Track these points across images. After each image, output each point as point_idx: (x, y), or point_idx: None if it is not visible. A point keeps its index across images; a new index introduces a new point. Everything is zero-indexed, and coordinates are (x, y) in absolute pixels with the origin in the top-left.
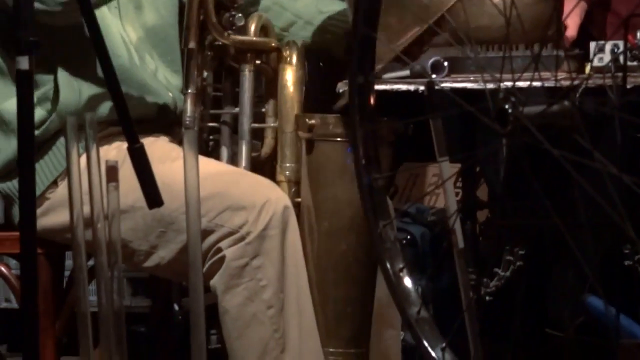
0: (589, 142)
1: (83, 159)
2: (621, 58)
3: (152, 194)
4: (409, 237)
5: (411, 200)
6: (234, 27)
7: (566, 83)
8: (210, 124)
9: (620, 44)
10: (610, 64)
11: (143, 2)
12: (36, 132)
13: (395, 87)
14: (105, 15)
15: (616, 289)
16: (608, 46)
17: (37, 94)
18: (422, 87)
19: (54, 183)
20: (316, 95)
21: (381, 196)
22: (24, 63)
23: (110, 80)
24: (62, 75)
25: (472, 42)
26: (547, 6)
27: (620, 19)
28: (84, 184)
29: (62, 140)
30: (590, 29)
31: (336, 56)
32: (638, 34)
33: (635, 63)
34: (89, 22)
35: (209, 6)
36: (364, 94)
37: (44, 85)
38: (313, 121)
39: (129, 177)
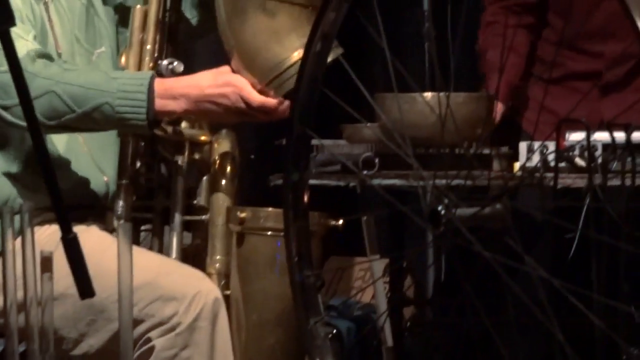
0: (520, 246)
1: (17, 241)
2: (550, 159)
3: (84, 284)
4: (334, 331)
5: (338, 294)
6: (169, 119)
7: (498, 183)
8: (142, 215)
9: (550, 144)
10: (539, 164)
11: None
12: None
13: (326, 182)
14: None
15: None
16: (537, 146)
17: None
18: (352, 183)
19: None
20: (248, 188)
21: (312, 293)
22: None
23: (45, 169)
24: None
25: (407, 139)
26: (478, 106)
27: (552, 119)
28: (18, 269)
29: None
30: (519, 122)
31: None
32: (567, 135)
33: (564, 164)
34: (26, 111)
35: None
36: (298, 191)
37: None
38: (244, 214)
39: (61, 263)
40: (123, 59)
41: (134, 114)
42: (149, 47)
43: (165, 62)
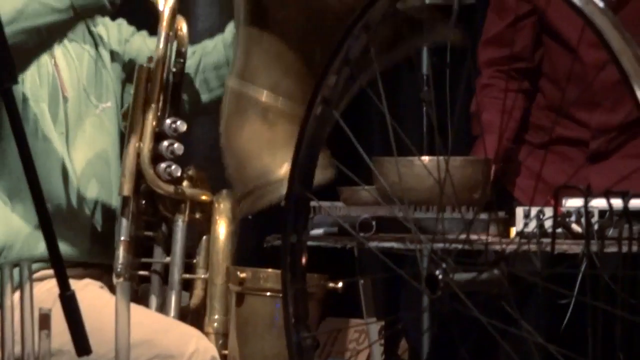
0: (517, 312)
1: (16, 295)
2: (547, 224)
3: (81, 342)
4: None
5: (332, 355)
6: (169, 177)
7: (496, 247)
8: (141, 272)
9: (546, 210)
10: (536, 230)
11: (87, 127)
12: None
13: (324, 244)
14: (51, 144)
15: None
16: (534, 212)
17: None
18: (349, 245)
19: None
20: (246, 248)
21: (309, 354)
22: None
23: (44, 224)
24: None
25: (406, 202)
26: (475, 170)
27: (547, 186)
28: (16, 324)
29: None
30: (511, 190)
31: None
32: (564, 201)
33: (560, 230)
34: (25, 165)
35: (145, 156)
36: (296, 253)
37: None
38: (244, 274)
39: (58, 320)
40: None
41: None
42: (153, 105)
43: (168, 121)
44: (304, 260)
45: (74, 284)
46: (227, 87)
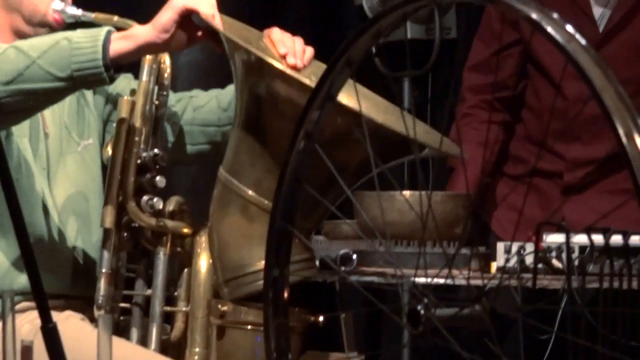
0: (499, 348)
1: None
2: (527, 260)
3: None
4: None
5: None
6: (151, 210)
7: (477, 282)
8: (122, 304)
9: (527, 245)
10: (516, 265)
11: (69, 163)
12: None
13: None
14: (34, 178)
15: None
16: (515, 247)
17: None
18: (330, 279)
19: None
20: None
21: None
22: None
23: (27, 257)
24: None
25: (387, 236)
26: (456, 205)
27: (523, 219)
28: None
29: None
30: (487, 222)
31: None
32: (544, 236)
33: (541, 266)
34: (8, 198)
35: (127, 188)
36: (278, 287)
37: None
38: (225, 308)
39: (40, 352)
40: (109, 148)
41: (91, 46)
42: (135, 138)
43: (151, 153)
44: (286, 294)
45: (56, 316)
46: (219, 176)
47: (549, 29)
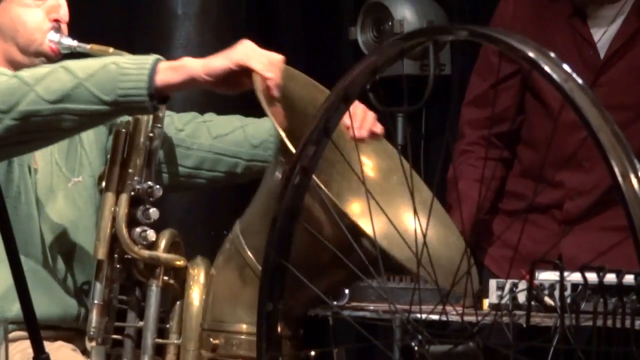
0: None
1: None
2: (520, 297)
3: None
4: None
5: None
6: (144, 242)
7: (470, 319)
8: (114, 336)
9: (520, 283)
10: (508, 302)
11: (59, 199)
12: None
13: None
14: (30, 208)
15: None
16: (508, 285)
17: None
18: (323, 314)
19: None
20: None
21: None
22: None
23: (20, 287)
24: None
25: (382, 272)
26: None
27: (518, 255)
28: None
29: None
30: (481, 258)
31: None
32: (537, 274)
33: (533, 303)
34: (3, 227)
35: (120, 220)
36: (271, 321)
37: None
38: (217, 341)
39: None
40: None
41: (138, 74)
42: (129, 170)
43: (144, 185)
44: (279, 328)
45: (47, 346)
46: (234, 227)
47: (546, 68)
